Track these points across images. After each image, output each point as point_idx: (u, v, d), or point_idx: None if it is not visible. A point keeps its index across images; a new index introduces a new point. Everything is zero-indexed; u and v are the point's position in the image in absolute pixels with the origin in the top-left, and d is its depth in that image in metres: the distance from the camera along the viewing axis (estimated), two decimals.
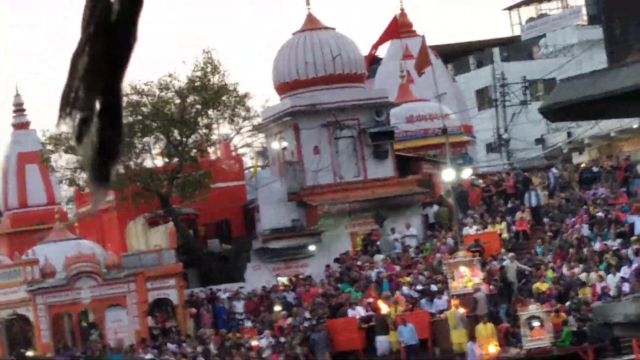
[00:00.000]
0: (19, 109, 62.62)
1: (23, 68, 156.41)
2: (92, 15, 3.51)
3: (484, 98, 71.33)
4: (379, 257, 51.02)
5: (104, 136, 3.53)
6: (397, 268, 49.08)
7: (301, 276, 52.09)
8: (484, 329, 41.18)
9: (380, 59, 66.33)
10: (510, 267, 44.65)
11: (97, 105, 3.53)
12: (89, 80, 3.49)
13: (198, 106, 52.13)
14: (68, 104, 3.51)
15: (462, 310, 42.75)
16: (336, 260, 52.11)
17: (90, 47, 3.50)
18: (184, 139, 52.38)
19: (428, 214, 53.76)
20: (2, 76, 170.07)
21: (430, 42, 59.92)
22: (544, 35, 76.23)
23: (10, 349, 50.59)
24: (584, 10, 78.97)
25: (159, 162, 53.30)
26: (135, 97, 51.69)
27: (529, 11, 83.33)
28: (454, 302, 43.33)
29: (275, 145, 56.09)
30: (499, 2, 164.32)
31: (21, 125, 62.11)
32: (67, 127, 3.58)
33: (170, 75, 52.27)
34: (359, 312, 45.83)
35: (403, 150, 57.35)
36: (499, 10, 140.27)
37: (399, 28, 62.02)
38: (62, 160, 53.81)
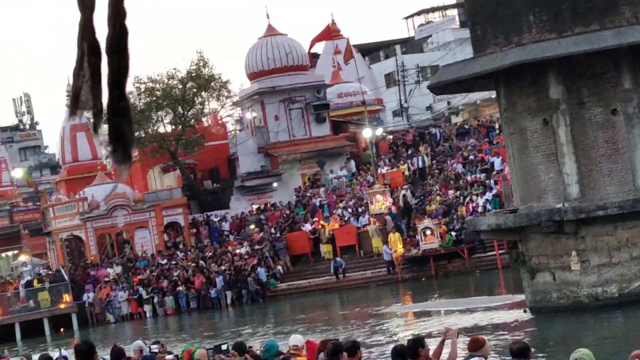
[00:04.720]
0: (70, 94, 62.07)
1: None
2: (82, 37, 3.12)
3: (390, 79, 71.10)
4: (321, 190, 51.10)
5: (119, 129, 3.21)
6: (334, 197, 49.21)
7: (268, 204, 52.13)
8: (393, 236, 41.41)
9: (319, 55, 66.02)
10: (409, 195, 44.86)
11: (106, 105, 3.22)
12: (92, 87, 3.17)
13: (194, 90, 51.83)
14: (75, 105, 3.25)
15: (377, 224, 42.97)
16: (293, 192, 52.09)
17: (88, 62, 3.12)
18: (186, 112, 52.12)
19: (354, 159, 53.84)
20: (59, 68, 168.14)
21: (353, 42, 59.80)
22: (430, 36, 76.05)
23: (69, 258, 50.50)
24: (457, 18, 78.92)
25: (169, 128, 53.00)
26: (150, 84, 51.36)
27: (419, 19, 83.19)
28: (372, 219, 43.56)
29: (248, 115, 55.92)
30: (399, 13, 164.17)
31: None
32: (77, 120, 3.40)
33: (174, 69, 52.11)
34: (308, 227, 45.96)
35: (336, 117, 57.27)
36: (399, 19, 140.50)
37: (331, 33, 61.85)
38: (102, 129, 53.50)
